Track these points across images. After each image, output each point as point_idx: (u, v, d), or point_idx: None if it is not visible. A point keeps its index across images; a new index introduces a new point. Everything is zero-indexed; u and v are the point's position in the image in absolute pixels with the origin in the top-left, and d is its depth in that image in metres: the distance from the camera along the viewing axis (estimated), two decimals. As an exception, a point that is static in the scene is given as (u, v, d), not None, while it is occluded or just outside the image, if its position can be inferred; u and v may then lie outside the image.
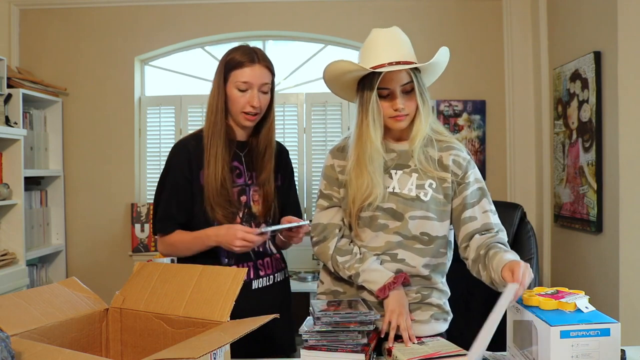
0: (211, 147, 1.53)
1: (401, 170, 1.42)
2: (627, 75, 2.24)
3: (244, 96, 1.52)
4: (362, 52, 1.43)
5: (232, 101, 1.53)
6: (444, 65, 1.50)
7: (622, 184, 2.25)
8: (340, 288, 1.49)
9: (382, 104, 1.37)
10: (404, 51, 1.38)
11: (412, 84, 1.37)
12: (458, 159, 1.43)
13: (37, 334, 1.02)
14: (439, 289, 1.47)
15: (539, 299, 1.10)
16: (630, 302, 2.24)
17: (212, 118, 1.55)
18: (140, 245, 3.20)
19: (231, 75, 1.53)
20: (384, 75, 1.34)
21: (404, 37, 1.42)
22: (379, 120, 1.37)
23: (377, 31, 1.41)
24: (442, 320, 1.47)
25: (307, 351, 1.19)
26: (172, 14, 3.21)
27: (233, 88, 1.53)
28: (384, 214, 1.40)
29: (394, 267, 1.40)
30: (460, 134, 3.14)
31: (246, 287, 1.49)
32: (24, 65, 3.20)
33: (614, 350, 1.01)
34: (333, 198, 1.48)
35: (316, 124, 3.29)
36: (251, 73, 1.51)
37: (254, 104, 1.51)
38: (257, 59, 1.52)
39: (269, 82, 1.56)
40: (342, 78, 1.42)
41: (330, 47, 3.31)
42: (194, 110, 3.31)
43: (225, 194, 1.52)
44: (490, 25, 3.14)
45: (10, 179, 2.72)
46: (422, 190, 1.39)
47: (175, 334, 1.12)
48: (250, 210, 1.58)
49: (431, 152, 1.42)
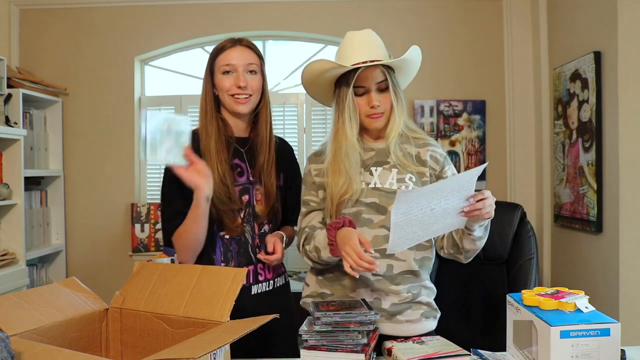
0: (206, 143, 1.50)
1: (381, 166, 1.46)
2: (627, 75, 2.24)
3: (230, 78, 1.50)
4: (338, 53, 1.48)
5: (219, 86, 1.52)
6: (417, 65, 1.54)
7: (622, 184, 2.25)
8: (327, 290, 1.48)
9: (358, 101, 1.43)
10: (378, 51, 1.44)
11: (386, 82, 1.43)
12: (435, 155, 1.49)
13: (37, 334, 1.02)
14: (427, 287, 1.49)
15: (539, 299, 1.10)
16: (630, 302, 2.24)
17: (203, 112, 1.55)
18: (140, 245, 3.20)
19: (215, 63, 1.53)
20: (360, 74, 1.40)
21: (377, 38, 1.48)
22: (355, 117, 1.43)
23: (352, 33, 1.48)
24: (432, 318, 1.49)
25: (307, 351, 1.19)
26: (172, 14, 3.21)
27: (219, 74, 1.52)
28: (368, 208, 1.42)
29: (384, 263, 1.41)
30: (460, 134, 3.14)
31: (246, 292, 1.48)
32: (24, 65, 3.20)
33: (614, 350, 1.01)
34: (310, 203, 1.51)
35: (316, 124, 3.29)
36: (234, 54, 1.50)
37: (240, 83, 1.49)
38: (238, 42, 1.53)
39: (255, 62, 1.54)
40: (320, 78, 1.47)
41: (330, 47, 3.31)
42: (194, 110, 3.31)
43: (225, 190, 1.48)
44: (490, 25, 3.14)
45: (10, 179, 2.72)
46: (403, 184, 1.43)
47: (175, 334, 1.12)
48: (254, 210, 1.55)
49: (408, 149, 1.48)
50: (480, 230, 1.35)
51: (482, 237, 1.38)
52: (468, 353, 1.17)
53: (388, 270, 1.42)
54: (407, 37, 3.05)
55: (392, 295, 1.42)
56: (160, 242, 3.18)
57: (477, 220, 1.28)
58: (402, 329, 1.42)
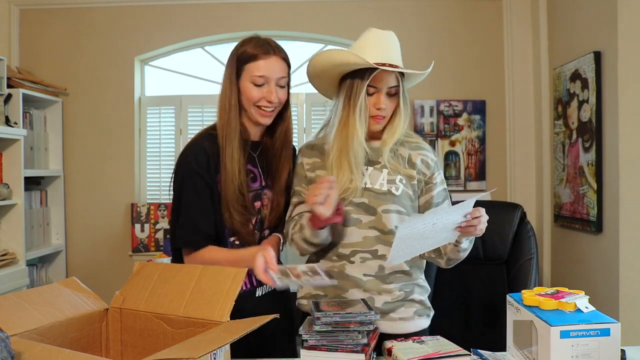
0: (227, 149, 1.42)
1: (372, 166, 1.45)
2: (627, 75, 2.24)
3: (261, 90, 1.42)
4: (356, 47, 1.44)
5: (246, 95, 1.42)
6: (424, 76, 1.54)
7: (622, 184, 2.25)
8: (320, 291, 1.48)
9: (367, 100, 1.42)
10: (397, 55, 1.44)
11: (398, 88, 1.43)
12: (426, 159, 1.49)
13: (36, 334, 1.02)
14: (420, 285, 1.50)
15: (539, 299, 1.10)
16: (630, 302, 2.24)
17: (225, 116, 1.43)
18: (140, 245, 3.20)
19: (245, 69, 1.42)
20: (376, 74, 1.39)
21: (398, 43, 1.47)
22: (365, 115, 1.42)
23: (376, 31, 1.45)
24: (425, 316, 1.49)
25: (307, 351, 1.19)
26: (172, 14, 3.21)
27: (248, 82, 1.42)
28: (357, 208, 1.43)
29: (376, 264, 1.42)
30: (460, 134, 3.14)
31: (250, 295, 1.48)
32: (24, 65, 3.20)
33: (614, 350, 1.01)
34: (302, 194, 1.49)
35: (316, 124, 3.29)
36: (267, 66, 1.41)
37: (272, 99, 1.41)
38: (272, 51, 1.43)
39: (286, 75, 1.46)
40: (335, 69, 1.43)
41: (330, 47, 3.31)
42: (194, 110, 3.31)
43: (242, 199, 1.43)
44: (490, 25, 3.14)
45: (10, 179, 2.72)
46: (394, 185, 1.43)
47: (175, 334, 1.12)
48: (261, 217, 1.51)
49: (401, 151, 1.48)
50: (466, 243, 1.39)
51: (466, 250, 1.42)
52: (468, 353, 1.17)
53: (380, 270, 1.42)
54: (407, 37, 3.05)
55: (385, 294, 1.43)
56: (161, 242, 3.18)
57: (468, 235, 1.32)
58: (396, 327, 1.43)
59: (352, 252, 1.42)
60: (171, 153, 3.31)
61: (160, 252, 3.15)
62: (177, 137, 3.30)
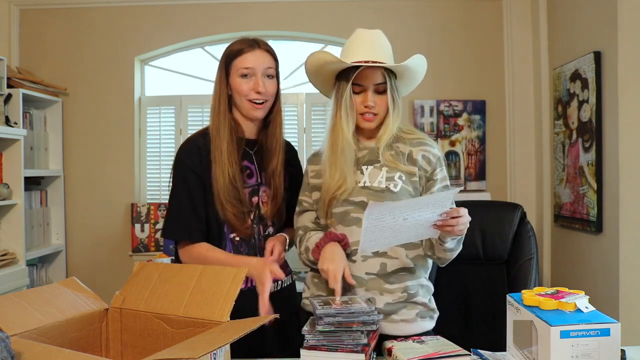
0: (216, 141, 1.48)
1: (371, 165, 1.47)
2: (627, 75, 2.24)
3: (249, 82, 1.48)
4: (344, 48, 1.49)
5: (237, 90, 1.49)
6: (421, 73, 1.54)
7: (622, 184, 2.25)
8: (323, 292, 1.48)
9: (355, 99, 1.44)
10: (382, 53, 1.44)
11: (385, 85, 1.43)
12: (428, 155, 1.48)
13: (36, 334, 1.02)
14: (424, 285, 1.49)
15: (539, 299, 1.10)
16: (630, 302, 2.24)
17: (215, 112, 1.51)
18: (140, 245, 3.20)
19: (232, 65, 1.49)
20: (360, 72, 1.41)
21: (386, 41, 1.48)
22: (352, 114, 1.44)
23: (362, 31, 1.48)
24: (429, 318, 1.48)
25: (307, 351, 1.19)
26: (172, 14, 3.21)
27: (237, 77, 1.49)
28: (356, 207, 1.43)
29: (378, 262, 1.42)
30: (460, 134, 3.14)
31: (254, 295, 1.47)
32: (24, 65, 3.20)
33: (614, 350, 1.01)
34: (303, 203, 1.54)
35: (316, 124, 3.29)
36: (252, 58, 1.48)
37: (259, 89, 1.47)
38: (256, 45, 1.50)
39: (273, 66, 1.52)
40: (322, 70, 1.48)
41: (330, 47, 3.31)
42: (194, 110, 3.31)
43: (235, 192, 1.47)
44: (490, 25, 3.14)
45: (10, 179, 2.72)
46: (392, 182, 1.44)
47: (175, 334, 1.12)
48: (260, 212, 1.54)
49: (401, 147, 1.48)
50: (452, 243, 1.37)
51: (453, 250, 1.40)
52: (468, 353, 1.17)
53: (381, 268, 1.42)
54: (407, 37, 3.06)
55: (387, 295, 1.42)
56: (161, 242, 3.17)
57: (447, 235, 1.32)
58: (398, 328, 1.42)
59: (353, 251, 1.42)
60: (171, 153, 3.31)
61: (160, 252, 3.15)
62: (177, 137, 3.30)
